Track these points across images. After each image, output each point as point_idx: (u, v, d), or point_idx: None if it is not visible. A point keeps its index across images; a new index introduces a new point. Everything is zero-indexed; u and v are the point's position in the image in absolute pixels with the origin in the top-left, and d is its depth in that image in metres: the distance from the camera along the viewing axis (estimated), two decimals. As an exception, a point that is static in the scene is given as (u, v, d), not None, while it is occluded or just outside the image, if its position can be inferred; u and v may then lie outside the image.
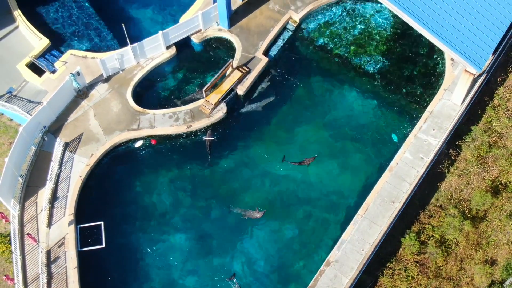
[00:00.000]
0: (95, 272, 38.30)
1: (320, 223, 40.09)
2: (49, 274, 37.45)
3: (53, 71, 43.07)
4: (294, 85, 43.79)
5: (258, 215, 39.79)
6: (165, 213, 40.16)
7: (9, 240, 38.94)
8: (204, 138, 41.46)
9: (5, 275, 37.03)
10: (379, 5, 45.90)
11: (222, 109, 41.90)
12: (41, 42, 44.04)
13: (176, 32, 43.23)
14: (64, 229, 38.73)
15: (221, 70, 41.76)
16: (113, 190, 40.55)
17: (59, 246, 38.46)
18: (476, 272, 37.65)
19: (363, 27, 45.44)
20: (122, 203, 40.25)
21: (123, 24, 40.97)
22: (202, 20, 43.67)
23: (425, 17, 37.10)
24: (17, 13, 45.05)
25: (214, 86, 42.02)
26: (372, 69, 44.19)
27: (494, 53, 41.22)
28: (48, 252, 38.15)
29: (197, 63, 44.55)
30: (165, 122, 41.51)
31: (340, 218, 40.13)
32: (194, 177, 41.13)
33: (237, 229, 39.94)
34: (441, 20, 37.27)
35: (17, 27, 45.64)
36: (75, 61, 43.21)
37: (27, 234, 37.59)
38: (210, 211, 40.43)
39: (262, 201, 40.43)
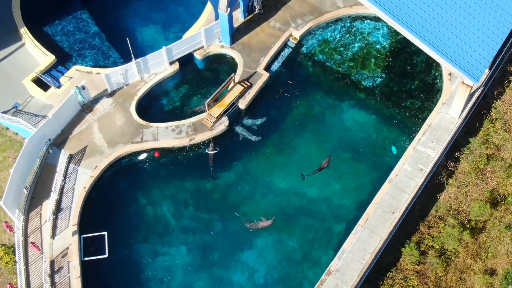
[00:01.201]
0: (98, 282, 38.62)
1: (321, 235, 40.51)
2: (53, 284, 37.76)
3: (59, 86, 43.93)
4: (295, 100, 44.60)
5: (267, 223, 40.29)
6: (168, 225, 40.60)
7: (13, 251, 39.36)
8: (207, 151, 42.11)
9: (9, 283, 37.37)
10: (377, 23, 46.99)
11: (224, 122, 42.65)
12: (46, 58, 45.00)
13: (179, 48, 44.18)
14: (67, 239, 39.14)
15: (223, 84, 42.62)
16: (116, 202, 41.07)
17: (63, 257, 38.84)
18: (476, 282, 37.96)
19: (362, 44, 46.43)
20: (126, 215, 40.73)
21: (127, 39, 41.92)
22: (204, 36, 44.66)
23: (423, 31, 38.01)
24: (24, 30, 46.08)
25: (216, 100, 42.81)
26: (371, 84, 45.04)
27: (490, 67, 42.22)
28: (52, 262, 38.50)
29: (199, 78, 45.40)
30: (168, 135, 42.22)
31: (341, 229, 40.58)
32: (196, 189, 41.67)
33: (239, 241, 40.35)
34: (438, 34, 38.18)
35: (23, 44, 46.69)
36: (80, 76, 44.10)
37: (31, 242, 38.05)
38: (212, 223, 40.86)
39: (263, 214, 40.94)
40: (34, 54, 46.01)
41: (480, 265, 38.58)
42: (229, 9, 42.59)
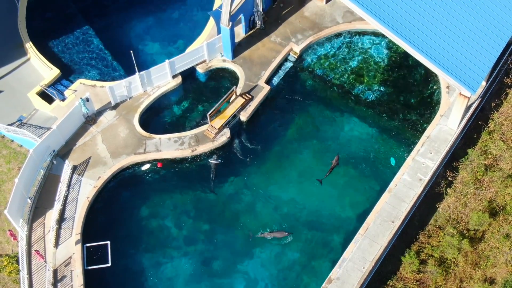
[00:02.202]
0: (100, 291, 39.16)
1: (322, 245, 40.96)
2: (56, 293, 38.21)
3: (63, 99, 44.66)
4: (296, 112, 45.33)
5: (283, 235, 40.97)
6: (170, 234, 41.08)
7: (17, 260, 39.75)
8: (210, 161, 42.71)
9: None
10: (376, 38, 47.88)
11: (226, 134, 43.31)
12: (51, 72, 45.78)
13: (182, 62, 45.02)
14: (71, 248, 39.58)
15: (225, 96, 43.39)
16: (119, 212, 41.57)
17: (66, 266, 39.23)
18: (475, 290, 38.35)
19: (361, 58, 47.29)
20: (129, 224, 41.22)
21: (131, 51, 42.77)
22: (206, 50, 45.53)
23: (422, 44, 38.86)
24: (29, 45, 46.95)
25: (218, 112, 43.52)
26: (370, 97, 45.79)
27: (487, 80, 43.05)
28: (55, 271, 38.88)
29: (202, 92, 46.19)
30: (170, 146, 42.85)
31: (341, 239, 41.02)
32: (198, 200, 42.21)
33: (241, 251, 40.81)
34: (436, 47, 39.03)
35: (28, 59, 47.51)
36: (84, 90, 44.85)
37: (35, 250, 38.46)
38: (213, 233, 41.36)
39: (265, 224, 41.44)
40: (39, 69, 46.82)
41: (480, 274, 38.89)
42: (231, 23, 43.51)
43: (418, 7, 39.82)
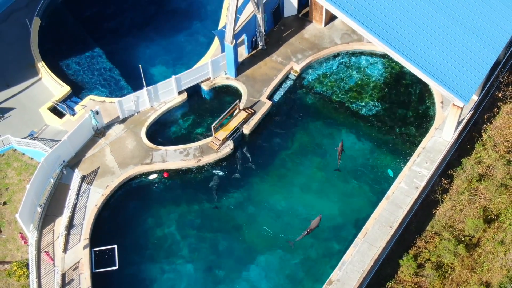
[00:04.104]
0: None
1: (322, 253, 42.24)
2: (64, 294, 39.38)
3: (73, 114, 46.57)
4: (296, 127, 47.22)
5: (316, 222, 42.33)
6: (175, 241, 42.43)
7: (26, 265, 40.96)
8: (214, 172, 44.47)
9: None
10: (373, 58, 50.12)
11: (229, 145, 45.11)
12: (62, 89, 47.81)
13: (188, 78, 47.13)
14: (79, 253, 40.88)
15: (229, 109, 45.40)
16: (126, 219, 43.01)
17: (74, 270, 40.47)
18: (472, 292, 39.44)
19: (359, 77, 49.41)
20: (135, 231, 42.62)
21: (140, 65, 44.97)
22: (211, 68, 47.69)
23: (417, 57, 40.86)
24: (41, 65, 49.14)
25: (222, 125, 45.42)
26: (368, 113, 47.70)
27: (479, 93, 45.04)
28: (63, 275, 40.10)
29: (206, 108, 48.15)
30: (176, 157, 44.58)
31: (341, 247, 42.27)
32: (202, 209, 43.71)
33: (244, 259, 42.09)
34: (430, 60, 41.02)
35: (40, 78, 49.67)
36: (94, 105, 46.74)
37: (45, 251, 39.72)
38: (217, 242, 42.71)
39: (267, 233, 42.83)
40: (50, 87, 48.89)
41: (476, 278, 39.97)
42: (234, 40, 45.78)
43: (413, 24, 41.99)
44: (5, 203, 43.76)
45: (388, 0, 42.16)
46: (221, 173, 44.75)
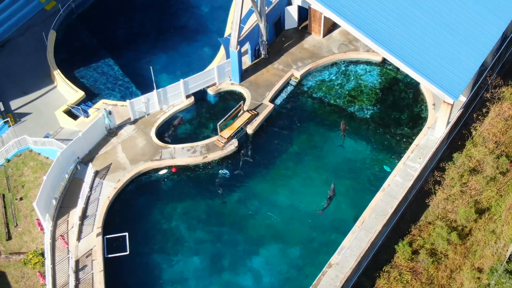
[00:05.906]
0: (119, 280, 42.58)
1: (322, 244, 44.54)
2: (77, 279, 41.43)
3: (87, 116, 49.47)
4: (296, 129, 50.05)
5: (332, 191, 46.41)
6: (182, 232, 44.85)
7: (41, 253, 43.22)
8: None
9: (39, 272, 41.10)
10: (369, 66, 53.25)
11: (234, 144, 47.88)
12: (77, 94, 50.81)
13: (195, 82, 50.19)
14: (92, 242, 43.19)
15: (233, 109, 48.41)
16: (136, 211, 45.53)
17: (87, 257, 42.71)
18: (465, 277, 41.41)
19: (355, 83, 52.43)
20: (145, 222, 45.06)
21: (151, 67, 48.10)
22: (217, 73, 50.80)
23: (409, 58, 43.86)
24: (57, 73, 52.26)
25: (227, 125, 48.31)
26: (364, 115, 50.51)
27: (469, 95, 47.93)
28: (77, 261, 42.35)
29: (212, 111, 51.06)
30: (184, 154, 47.30)
31: (340, 240, 44.51)
32: (207, 203, 46.27)
33: (248, 250, 44.42)
34: (421, 60, 43.91)
35: (55, 86, 52.76)
36: (107, 107, 49.63)
37: (60, 235, 42.10)
38: (222, 234, 45.12)
39: (269, 225, 45.27)
40: (64, 94, 51.91)
41: (468, 265, 42.10)
42: (238, 46, 48.98)
43: (407, 29, 45.00)
44: (21, 198, 46.26)
45: (384, 8, 45.40)
46: (227, 175, 47.34)
